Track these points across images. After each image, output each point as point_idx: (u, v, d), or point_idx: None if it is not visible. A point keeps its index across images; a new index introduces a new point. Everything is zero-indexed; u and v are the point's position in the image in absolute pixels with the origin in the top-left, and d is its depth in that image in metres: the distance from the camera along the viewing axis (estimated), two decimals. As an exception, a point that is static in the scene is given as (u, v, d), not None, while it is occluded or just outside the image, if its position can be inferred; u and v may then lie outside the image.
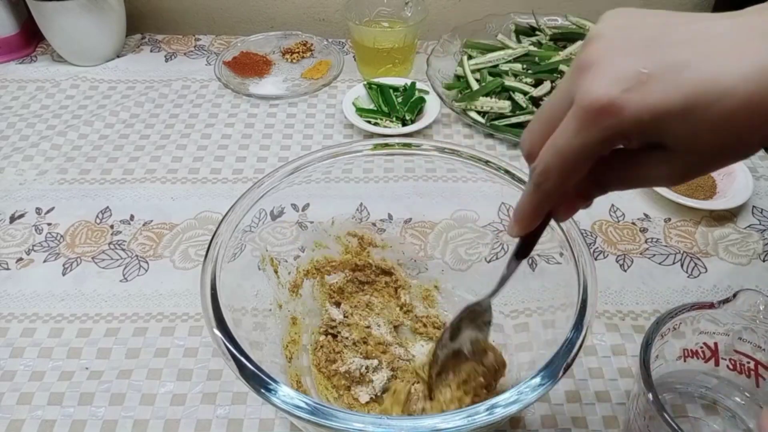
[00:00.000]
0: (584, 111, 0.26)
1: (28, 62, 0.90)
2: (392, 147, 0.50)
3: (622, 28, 0.27)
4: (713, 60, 0.25)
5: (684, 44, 0.25)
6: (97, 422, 0.46)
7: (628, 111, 0.25)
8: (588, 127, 0.26)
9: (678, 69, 0.25)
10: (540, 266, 0.48)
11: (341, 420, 0.32)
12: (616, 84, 0.25)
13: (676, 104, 0.25)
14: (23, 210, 0.65)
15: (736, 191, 0.64)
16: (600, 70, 0.26)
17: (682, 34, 0.26)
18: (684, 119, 0.25)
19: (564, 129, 0.27)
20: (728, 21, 0.26)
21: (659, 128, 0.26)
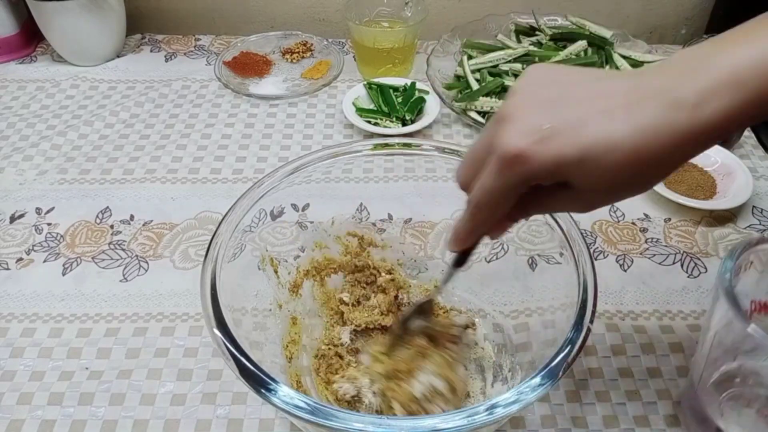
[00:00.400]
0: (500, 159, 0.31)
1: (28, 62, 0.90)
2: (392, 147, 0.50)
3: (535, 85, 0.32)
4: (606, 118, 0.29)
5: (584, 101, 0.30)
6: (97, 422, 0.46)
7: (534, 160, 0.30)
8: (504, 171, 0.31)
9: (576, 125, 0.29)
10: (540, 266, 0.48)
11: (341, 420, 0.32)
12: (525, 137, 0.30)
13: (573, 155, 0.29)
14: (23, 210, 0.65)
15: (736, 191, 0.64)
16: (513, 123, 0.31)
17: (584, 93, 0.31)
18: (579, 167, 0.30)
19: (488, 172, 0.32)
20: (627, 81, 0.31)
21: (562, 173, 0.30)
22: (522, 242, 0.49)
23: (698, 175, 0.67)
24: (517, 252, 0.50)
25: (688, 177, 0.67)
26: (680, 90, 0.29)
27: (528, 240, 0.49)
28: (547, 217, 0.44)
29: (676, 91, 0.29)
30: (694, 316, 0.54)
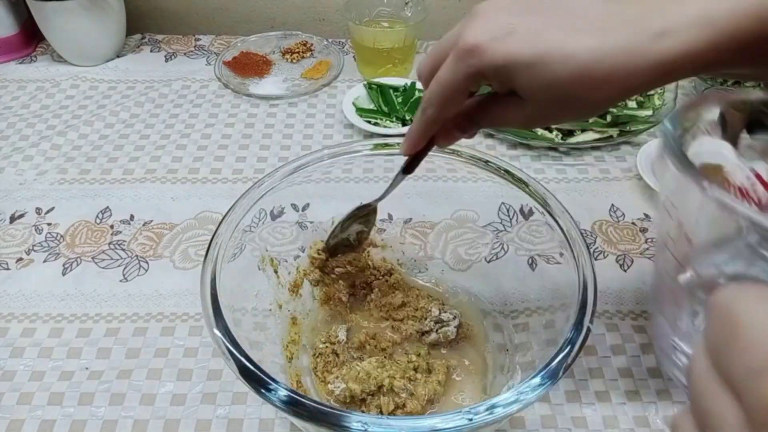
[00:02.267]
0: (458, 50, 0.32)
1: (28, 62, 0.90)
2: (392, 147, 0.50)
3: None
4: (569, 31, 0.30)
5: (554, 14, 0.31)
6: (97, 422, 0.46)
7: (487, 55, 0.31)
8: (458, 63, 0.32)
9: (537, 31, 0.30)
10: (540, 266, 0.48)
11: (341, 420, 0.32)
12: (486, 33, 0.31)
13: (523, 57, 0.30)
14: (23, 210, 0.65)
15: (736, 191, 0.64)
16: (480, 20, 0.32)
17: (559, 5, 0.31)
18: (529, 72, 0.30)
19: (445, 64, 0.33)
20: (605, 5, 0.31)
21: (510, 75, 0.31)
22: (522, 242, 0.49)
23: (698, 174, 0.67)
24: (517, 252, 0.50)
25: (687, 177, 0.67)
26: (649, 19, 0.29)
27: (528, 240, 0.49)
28: (547, 217, 0.44)
29: (644, 20, 0.29)
30: (694, 316, 0.54)
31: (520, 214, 0.48)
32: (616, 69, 0.29)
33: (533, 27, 0.31)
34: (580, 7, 0.31)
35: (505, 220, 0.51)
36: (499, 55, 0.31)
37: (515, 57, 0.30)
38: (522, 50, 0.30)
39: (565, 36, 0.30)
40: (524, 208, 0.47)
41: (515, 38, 0.30)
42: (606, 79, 0.30)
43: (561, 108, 0.32)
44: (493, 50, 0.31)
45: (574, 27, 0.30)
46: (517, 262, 0.49)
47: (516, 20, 0.31)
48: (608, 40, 0.29)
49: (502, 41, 0.31)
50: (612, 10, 0.30)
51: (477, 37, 0.31)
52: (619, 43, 0.29)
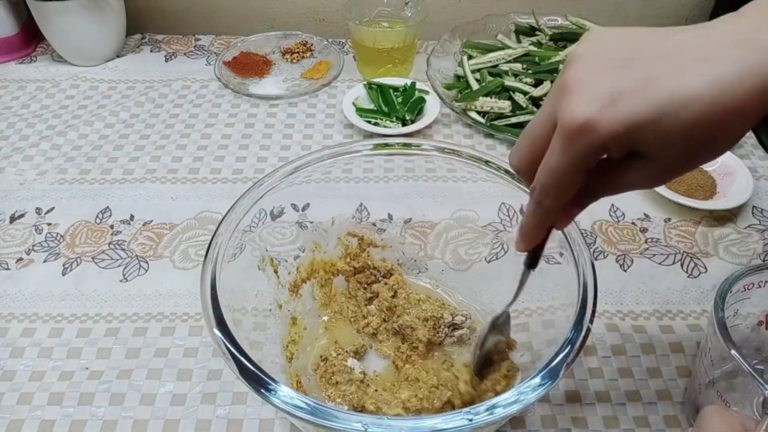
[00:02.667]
0: (566, 130, 0.28)
1: (28, 62, 0.90)
2: (392, 147, 0.50)
3: (598, 50, 0.30)
4: (679, 72, 0.27)
5: (654, 60, 0.28)
6: (97, 422, 0.46)
7: (604, 126, 0.27)
8: (572, 144, 0.29)
9: (647, 83, 0.27)
10: (540, 266, 0.47)
11: (341, 420, 0.32)
12: (592, 103, 0.28)
13: (646, 115, 0.27)
14: (23, 210, 0.65)
15: (736, 191, 0.64)
16: (578, 91, 0.28)
17: (652, 51, 0.28)
18: (655, 128, 0.27)
19: (552, 149, 0.30)
20: (699, 33, 0.28)
21: (634, 138, 0.28)
22: (522, 242, 0.49)
23: (698, 175, 0.67)
24: (517, 252, 0.50)
25: (688, 177, 0.67)
26: (762, 35, 0.26)
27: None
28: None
29: (757, 36, 0.26)
30: (694, 316, 0.54)
31: (520, 214, 0.48)
32: (744, 97, 0.26)
33: (640, 80, 0.27)
34: (676, 42, 0.28)
35: (505, 220, 0.51)
36: (619, 123, 0.27)
37: (636, 119, 0.27)
38: (640, 110, 0.27)
39: (679, 78, 0.27)
40: (524, 208, 0.47)
41: (627, 99, 0.27)
42: (738, 109, 0.27)
43: (695, 154, 0.29)
44: (609, 120, 0.27)
45: (682, 66, 0.27)
46: (517, 262, 0.49)
47: (617, 80, 0.28)
48: (725, 68, 0.26)
49: (614, 107, 0.27)
50: (712, 34, 0.28)
51: (584, 111, 0.28)
52: (738, 69, 0.26)
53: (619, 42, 0.30)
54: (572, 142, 0.29)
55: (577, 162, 0.29)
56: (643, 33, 0.30)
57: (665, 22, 1.01)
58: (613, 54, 0.29)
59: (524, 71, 0.80)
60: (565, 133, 0.29)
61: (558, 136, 0.29)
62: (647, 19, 1.01)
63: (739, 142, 0.72)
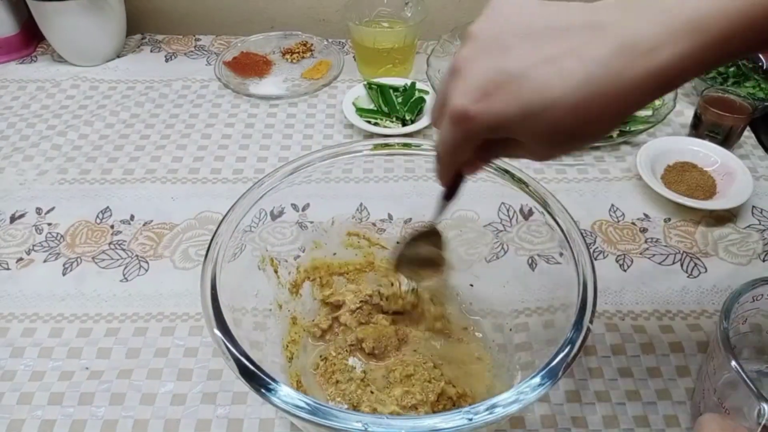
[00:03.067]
0: (450, 115, 0.31)
1: (29, 62, 0.90)
2: (392, 147, 0.50)
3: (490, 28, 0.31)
4: (547, 70, 0.28)
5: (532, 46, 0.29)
6: (97, 422, 0.46)
7: (477, 120, 0.30)
8: (453, 128, 0.32)
9: (517, 81, 0.29)
10: (540, 266, 0.48)
11: (341, 420, 0.32)
12: (468, 95, 0.30)
13: (514, 112, 0.29)
14: (23, 210, 0.65)
15: (736, 191, 0.64)
16: (460, 78, 0.31)
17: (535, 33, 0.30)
18: (521, 124, 0.30)
19: (443, 125, 0.33)
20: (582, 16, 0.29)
21: (505, 129, 0.30)
22: (522, 242, 0.49)
23: (698, 175, 0.67)
24: (517, 252, 0.50)
25: (687, 177, 0.67)
26: (635, 32, 0.27)
27: (528, 240, 0.49)
28: (547, 217, 0.44)
29: (630, 35, 0.27)
30: (693, 316, 0.54)
31: (519, 214, 0.48)
32: (609, 97, 0.28)
33: (513, 75, 0.29)
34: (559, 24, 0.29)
35: (505, 220, 0.51)
36: (489, 118, 0.30)
37: (504, 116, 0.29)
38: (508, 107, 0.29)
39: (545, 77, 0.28)
40: (524, 208, 0.47)
41: (498, 96, 0.29)
42: (599, 111, 0.28)
43: (565, 145, 0.32)
44: (480, 114, 0.30)
45: (553, 60, 0.28)
46: (517, 262, 0.49)
47: (494, 72, 0.29)
48: (594, 69, 0.27)
49: (485, 102, 0.30)
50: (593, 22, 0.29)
51: (461, 102, 0.30)
52: (606, 70, 0.27)
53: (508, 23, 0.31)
54: (453, 125, 0.32)
55: (458, 140, 0.32)
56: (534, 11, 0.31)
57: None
58: (498, 39, 0.30)
59: (524, 71, 0.80)
60: (448, 116, 0.32)
61: (446, 115, 0.32)
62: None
63: (739, 142, 0.73)
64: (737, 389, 0.39)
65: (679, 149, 0.70)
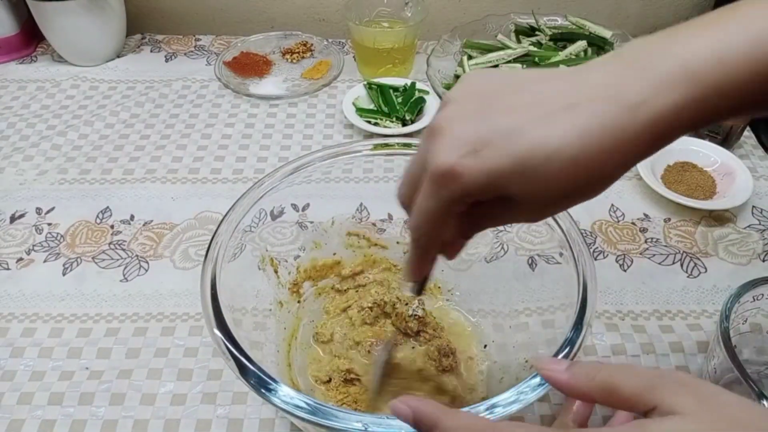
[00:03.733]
0: (432, 176, 0.29)
1: (29, 62, 0.90)
2: (392, 147, 0.50)
3: (468, 93, 0.30)
4: (542, 123, 0.27)
5: (519, 108, 0.28)
6: (97, 422, 0.46)
7: (466, 175, 0.28)
8: (438, 189, 0.29)
9: (509, 134, 0.27)
10: (540, 266, 0.48)
11: (341, 420, 0.32)
12: (455, 151, 0.28)
13: (507, 167, 0.27)
14: (23, 210, 0.65)
15: (736, 191, 0.64)
16: (444, 137, 0.28)
17: (521, 98, 0.28)
18: (516, 179, 0.27)
19: (423, 191, 0.30)
20: (567, 80, 0.28)
21: (497, 186, 0.28)
22: (522, 242, 0.49)
23: (698, 175, 0.67)
24: (517, 252, 0.50)
25: (687, 177, 0.67)
26: (625, 87, 0.27)
27: (528, 240, 0.49)
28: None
29: (620, 89, 0.27)
30: (694, 316, 0.54)
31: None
32: (605, 153, 0.27)
33: (503, 130, 0.27)
34: (544, 89, 0.28)
35: (505, 220, 0.51)
36: (480, 174, 0.27)
37: (497, 170, 0.27)
38: (501, 162, 0.27)
39: (541, 132, 0.27)
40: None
41: (489, 150, 0.27)
42: (598, 165, 0.27)
43: (560, 201, 0.30)
44: (470, 170, 0.27)
45: (545, 116, 0.27)
46: (517, 262, 0.49)
47: (484, 128, 0.28)
48: (586, 122, 0.26)
49: (476, 157, 0.27)
50: (580, 82, 0.28)
51: (447, 160, 0.28)
52: (599, 123, 0.26)
53: (490, 85, 0.30)
54: (438, 187, 0.29)
55: (443, 205, 0.29)
56: (516, 76, 0.30)
57: (665, 22, 1.01)
58: (482, 97, 0.29)
59: (524, 71, 0.80)
60: (431, 178, 0.29)
61: (426, 179, 0.29)
62: (647, 19, 1.01)
63: (739, 142, 0.73)
64: (738, 389, 0.39)
65: (678, 149, 0.70)
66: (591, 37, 0.84)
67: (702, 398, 0.24)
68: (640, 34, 1.01)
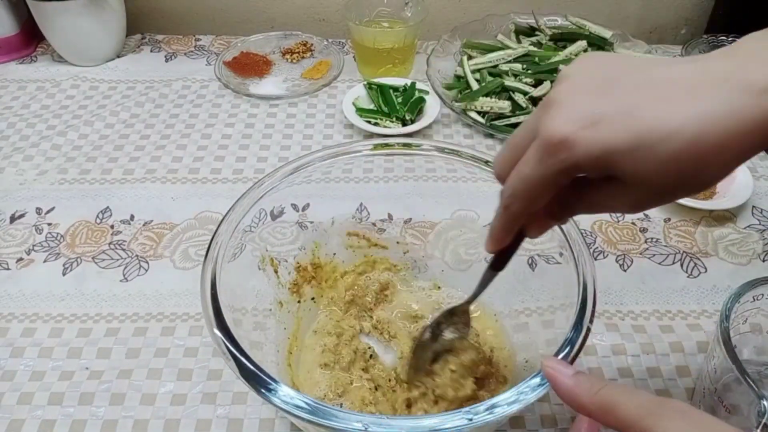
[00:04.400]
0: (544, 143, 0.28)
1: (29, 62, 0.90)
2: (392, 147, 0.50)
3: (588, 71, 0.29)
4: (663, 103, 0.27)
5: (640, 88, 0.28)
6: (97, 422, 0.46)
7: (580, 146, 0.27)
8: (546, 158, 0.29)
9: (629, 111, 0.27)
10: (540, 266, 0.48)
11: (341, 420, 0.32)
12: (573, 122, 0.28)
13: (623, 142, 0.27)
14: (23, 210, 0.65)
15: (736, 191, 0.64)
16: (561, 108, 0.28)
17: (640, 79, 0.28)
18: (631, 156, 0.27)
19: (528, 158, 0.30)
20: (688, 66, 0.28)
21: (609, 163, 0.28)
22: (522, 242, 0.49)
23: (698, 175, 0.67)
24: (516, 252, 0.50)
25: (688, 177, 0.67)
26: (750, 74, 0.26)
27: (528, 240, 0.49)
28: (547, 217, 0.44)
29: (744, 76, 0.26)
30: (693, 316, 0.54)
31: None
32: (726, 137, 0.26)
33: (623, 107, 0.27)
34: (664, 72, 0.28)
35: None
36: (595, 146, 0.27)
37: (613, 145, 0.27)
38: (619, 136, 0.27)
39: (662, 109, 0.26)
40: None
41: (607, 123, 0.27)
42: (718, 149, 0.26)
43: (673, 189, 0.29)
44: (587, 141, 0.27)
45: (667, 97, 0.27)
46: (517, 262, 0.49)
47: (601, 103, 0.27)
48: (709, 105, 0.26)
49: (593, 129, 0.27)
50: (701, 68, 0.27)
51: (563, 128, 0.28)
52: (722, 107, 0.26)
53: (610, 65, 0.30)
54: (547, 155, 0.29)
55: (548, 175, 0.29)
56: (635, 60, 0.30)
57: (665, 22, 1.01)
58: (602, 76, 0.29)
59: (524, 71, 0.80)
60: (542, 145, 0.29)
61: (535, 146, 0.29)
62: (647, 19, 1.01)
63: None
64: (737, 389, 0.39)
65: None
66: (591, 37, 0.84)
67: (695, 427, 0.25)
68: (640, 34, 1.02)
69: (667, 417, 0.25)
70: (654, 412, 0.26)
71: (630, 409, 0.27)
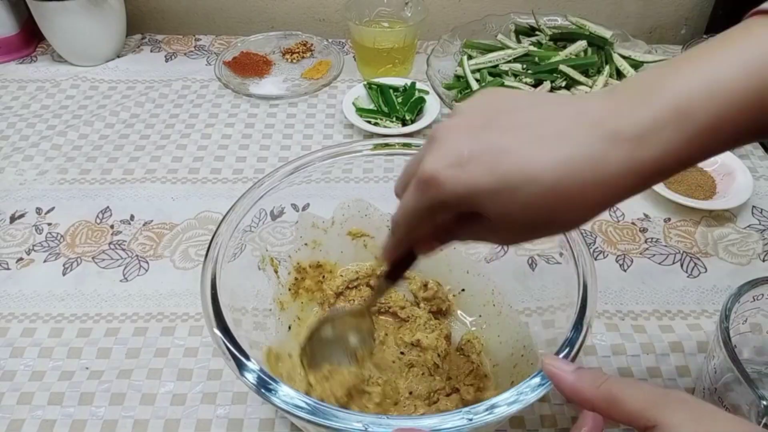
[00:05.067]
0: (416, 179, 0.30)
1: (29, 62, 0.90)
2: (392, 147, 0.50)
3: (477, 108, 0.30)
4: (532, 147, 0.27)
5: (516, 129, 0.28)
6: (97, 422, 0.46)
7: (447, 185, 0.28)
8: (418, 193, 0.30)
9: (498, 152, 0.27)
10: (540, 266, 0.48)
11: (341, 420, 0.32)
12: (443, 160, 0.29)
13: (487, 184, 0.27)
14: (23, 210, 0.65)
15: (736, 191, 0.64)
16: (438, 145, 0.29)
17: (520, 119, 0.28)
18: (495, 197, 0.28)
19: (408, 189, 0.31)
20: (569, 108, 0.28)
21: (474, 203, 0.28)
22: (522, 242, 0.49)
23: (698, 174, 0.67)
24: (517, 252, 0.50)
25: (687, 177, 0.67)
26: (619, 121, 0.26)
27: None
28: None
29: (614, 122, 0.26)
30: (693, 316, 0.54)
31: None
32: (587, 185, 0.26)
33: (494, 147, 0.28)
34: (544, 113, 0.28)
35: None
36: (460, 186, 0.28)
37: (478, 186, 0.27)
38: (483, 177, 0.27)
39: (528, 154, 0.27)
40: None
41: (475, 165, 0.27)
42: (578, 196, 0.27)
43: (535, 230, 0.30)
44: (452, 180, 0.28)
45: (537, 140, 0.27)
46: (517, 262, 0.49)
47: (474, 142, 0.28)
48: (570, 151, 0.26)
49: (460, 169, 0.28)
50: (578, 110, 0.28)
51: (433, 166, 0.29)
52: (583, 153, 0.26)
53: (498, 103, 0.30)
54: (419, 191, 0.30)
55: (421, 209, 0.30)
56: (525, 97, 0.30)
57: (665, 22, 1.01)
58: (487, 114, 0.29)
59: (524, 71, 0.80)
60: (416, 181, 0.30)
61: (413, 181, 0.30)
62: (647, 19, 1.01)
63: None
64: (737, 389, 0.39)
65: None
66: (591, 37, 0.84)
67: (698, 416, 0.26)
68: (640, 34, 1.01)
69: (671, 407, 0.26)
70: (658, 403, 0.26)
71: (634, 401, 0.27)
